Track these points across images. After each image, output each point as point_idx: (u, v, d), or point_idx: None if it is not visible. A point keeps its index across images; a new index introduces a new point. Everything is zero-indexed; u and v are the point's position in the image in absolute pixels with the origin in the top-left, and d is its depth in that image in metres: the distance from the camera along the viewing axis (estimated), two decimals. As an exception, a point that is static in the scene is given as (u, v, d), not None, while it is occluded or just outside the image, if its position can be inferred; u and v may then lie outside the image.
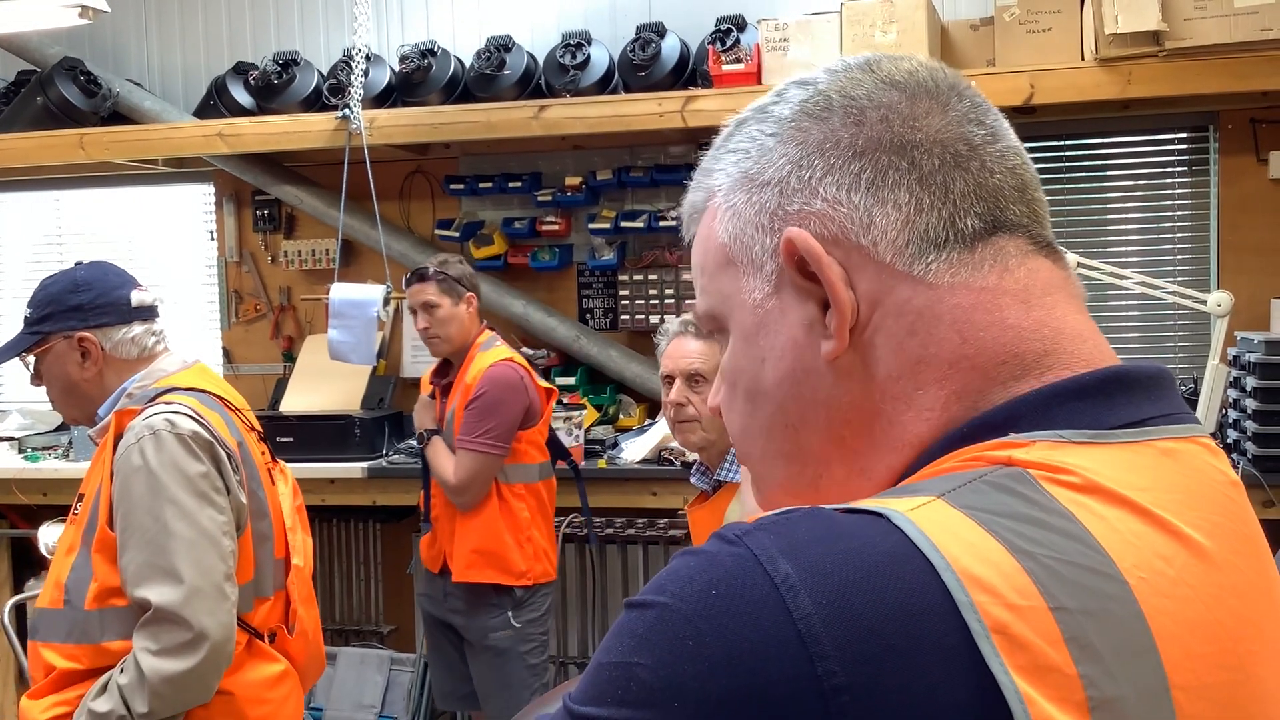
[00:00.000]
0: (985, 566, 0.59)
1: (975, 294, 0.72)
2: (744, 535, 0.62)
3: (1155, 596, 0.62)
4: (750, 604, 0.59)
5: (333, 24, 5.22)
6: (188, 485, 2.13)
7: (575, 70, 4.53)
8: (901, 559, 0.60)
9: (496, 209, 5.09)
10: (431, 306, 3.70)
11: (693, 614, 0.59)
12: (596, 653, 0.63)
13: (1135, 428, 0.70)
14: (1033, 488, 0.64)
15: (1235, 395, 4.02)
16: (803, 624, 0.57)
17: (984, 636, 0.57)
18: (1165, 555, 0.64)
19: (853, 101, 0.75)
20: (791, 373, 0.75)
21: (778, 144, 0.76)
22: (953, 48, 4.28)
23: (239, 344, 5.46)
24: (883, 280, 0.72)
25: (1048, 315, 0.73)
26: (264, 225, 5.34)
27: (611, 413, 4.86)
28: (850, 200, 0.73)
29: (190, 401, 2.24)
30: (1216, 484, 0.71)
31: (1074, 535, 0.62)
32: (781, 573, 0.59)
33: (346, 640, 5.17)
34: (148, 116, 5.07)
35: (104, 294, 2.31)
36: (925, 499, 0.63)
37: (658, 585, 0.62)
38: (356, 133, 4.55)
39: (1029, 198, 0.76)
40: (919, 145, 0.73)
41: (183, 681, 2.06)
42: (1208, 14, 3.78)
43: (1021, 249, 0.74)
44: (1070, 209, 4.64)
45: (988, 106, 0.77)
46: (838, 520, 0.63)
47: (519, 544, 3.68)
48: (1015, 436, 0.68)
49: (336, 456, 4.55)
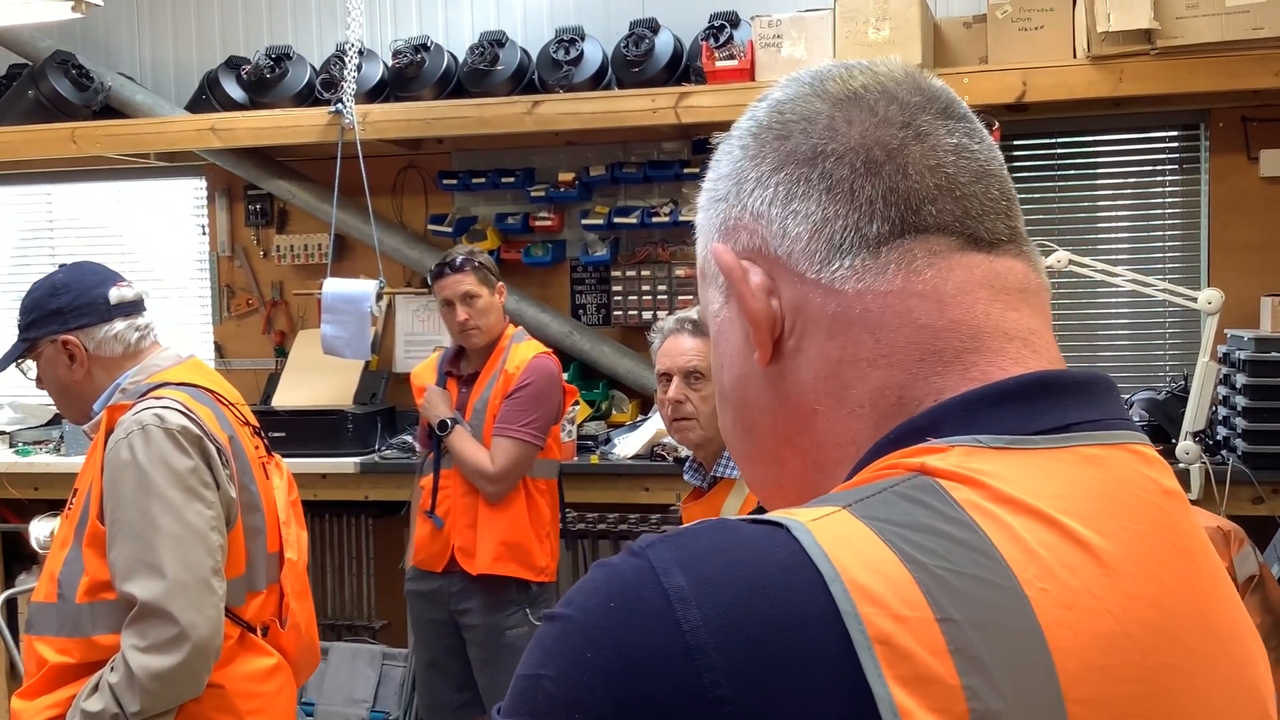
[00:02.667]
0: (874, 577, 0.60)
1: (881, 297, 0.73)
2: (648, 547, 0.63)
3: (1055, 608, 0.62)
4: (644, 616, 0.60)
5: (325, 18, 5.21)
6: (175, 480, 2.13)
7: (569, 66, 4.53)
8: (792, 569, 0.60)
9: (489, 204, 5.08)
10: (472, 297, 3.61)
11: (592, 626, 0.61)
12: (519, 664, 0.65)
13: (1058, 433, 0.69)
14: (939, 497, 0.64)
15: (1225, 392, 4.04)
16: (690, 635, 0.58)
17: (865, 647, 0.58)
18: (1071, 565, 0.64)
19: (781, 117, 0.77)
20: (739, 379, 0.79)
21: (729, 162, 0.80)
22: (945, 45, 4.29)
23: (231, 339, 5.45)
24: (799, 289, 0.75)
25: (965, 314, 0.73)
26: (256, 220, 5.33)
27: (604, 408, 4.86)
28: (769, 213, 0.76)
29: (180, 396, 2.25)
30: (1143, 492, 0.70)
31: (973, 546, 0.62)
32: (675, 585, 0.60)
33: (338, 635, 5.17)
34: (140, 110, 5.06)
35: (82, 294, 2.32)
36: (830, 509, 0.64)
37: (567, 598, 0.64)
38: (349, 127, 4.54)
39: (959, 194, 0.74)
40: (831, 154, 0.74)
41: (171, 677, 2.06)
42: (1199, 13, 3.80)
43: (933, 249, 0.73)
44: (1062, 206, 4.65)
45: (929, 105, 0.76)
46: (740, 531, 0.63)
47: (540, 539, 3.64)
48: (935, 442, 0.68)
49: (329, 451, 4.55)
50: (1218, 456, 3.92)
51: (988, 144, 0.78)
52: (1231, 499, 3.73)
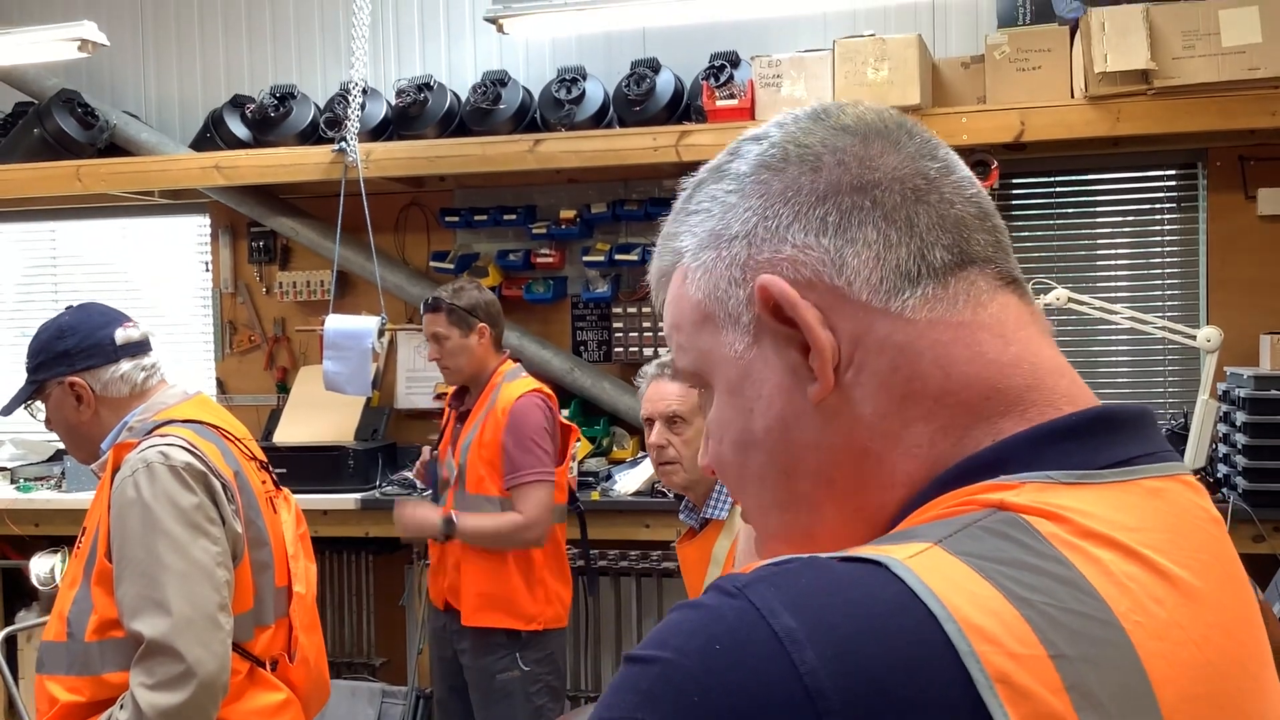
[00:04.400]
0: (985, 615, 0.59)
1: (953, 329, 0.72)
2: (744, 588, 0.61)
3: (1150, 640, 0.63)
4: (755, 659, 0.58)
5: (330, 58, 5.26)
6: (180, 517, 2.14)
7: (570, 105, 4.56)
8: (903, 609, 0.59)
9: (491, 241, 5.11)
10: (441, 338, 3.65)
11: (697, 670, 0.59)
12: (597, 707, 0.63)
13: (1122, 467, 0.70)
14: (1027, 533, 0.64)
15: (1225, 430, 4.05)
16: (809, 678, 0.57)
17: (987, 687, 0.57)
18: (1157, 597, 0.65)
19: (807, 149, 0.76)
20: (781, 419, 0.76)
21: (740, 199, 0.77)
22: (944, 85, 4.33)
23: (233, 375, 5.46)
24: (861, 319, 0.73)
25: (1024, 350, 0.73)
26: (259, 256, 5.36)
27: (605, 445, 4.87)
28: (820, 244, 0.74)
29: (185, 433, 2.26)
30: (1200, 521, 0.71)
31: (1070, 581, 0.62)
32: (785, 627, 0.59)
33: (338, 673, 5.14)
34: (144, 148, 5.09)
35: (88, 336, 2.34)
36: (922, 545, 0.63)
37: (659, 639, 0.61)
38: (353, 165, 4.57)
39: (990, 225, 0.76)
40: (878, 184, 0.74)
41: (179, 713, 2.06)
42: (1196, 53, 3.83)
43: (991, 284, 0.75)
44: (1060, 244, 4.68)
45: (937, 142, 0.78)
46: (837, 570, 0.62)
47: (529, 587, 3.58)
48: (1005, 479, 0.68)
49: (330, 488, 4.55)
50: (1218, 494, 3.92)
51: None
52: (1232, 536, 3.71)
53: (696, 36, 4.68)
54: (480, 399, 3.69)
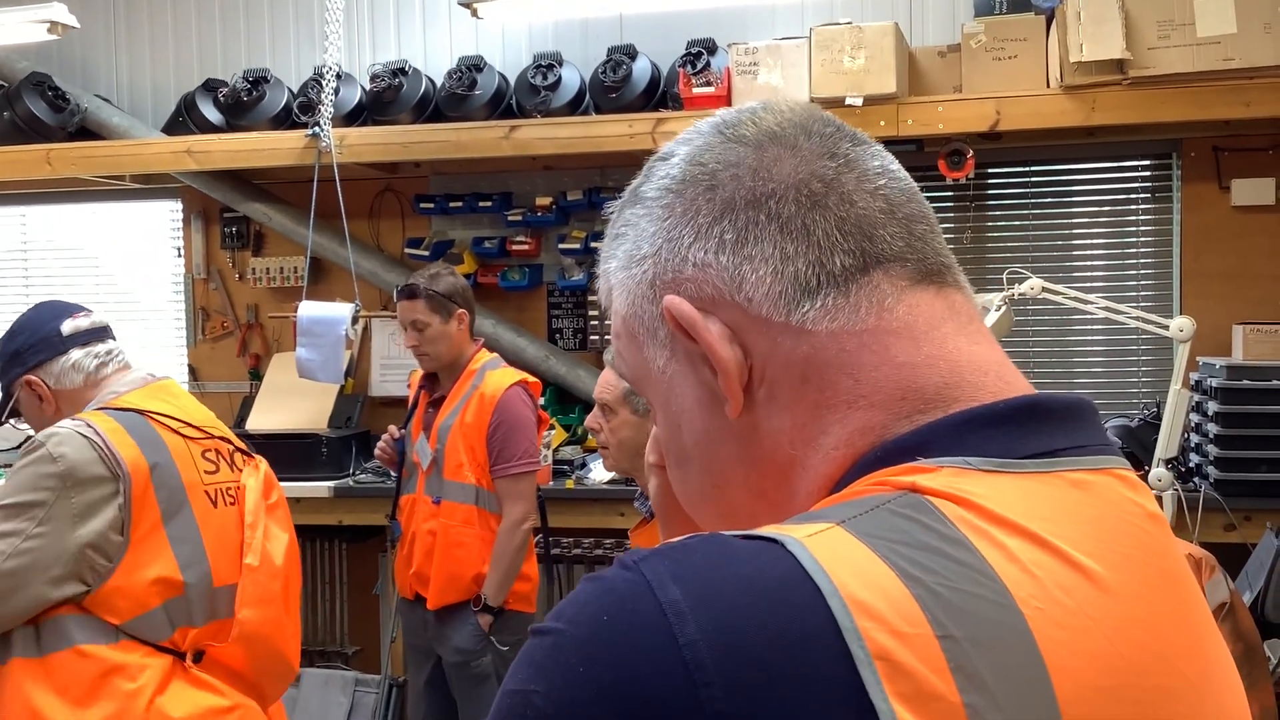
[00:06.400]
0: (873, 593, 0.59)
1: (857, 337, 0.73)
2: (641, 561, 0.62)
3: (1051, 627, 0.62)
4: (638, 630, 0.59)
5: (303, 42, 5.22)
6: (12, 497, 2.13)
7: (546, 91, 4.54)
8: (790, 584, 0.60)
9: (466, 228, 5.09)
10: (421, 325, 3.61)
11: (584, 640, 0.60)
12: (504, 680, 0.64)
13: (1046, 458, 0.69)
14: (932, 515, 0.64)
15: (1197, 420, 4.07)
16: (688, 650, 0.58)
17: (866, 663, 0.57)
18: (1065, 586, 0.64)
19: (703, 168, 0.77)
20: (705, 433, 0.77)
21: (648, 222, 0.78)
22: (920, 74, 4.33)
23: (205, 361, 5.42)
24: (766, 334, 0.73)
25: (939, 349, 0.73)
26: (232, 242, 5.32)
27: (580, 433, 4.86)
28: (719, 262, 0.74)
29: (101, 420, 2.20)
30: (1130, 516, 0.70)
31: (969, 564, 0.62)
32: (671, 599, 0.59)
33: (311, 661, 5.12)
34: (116, 132, 5.04)
35: (35, 332, 2.33)
36: (824, 525, 0.64)
37: (558, 611, 0.63)
38: (326, 151, 4.54)
39: (900, 217, 0.75)
40: (773, 194, 0.74)
41: None
42: (1171, 44, 3.84)
43: (898, 285, 0.74)
44: (1035, 234, 4.69)
45: (842, 134, 0.77)
46: (733, 546, 0.63)
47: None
48: (924, 461, 0.68)
49: (303, 475, 4.53)
50: (1190, 484, 3.95)
51: (900, 167, 0.79)
52: (1203, 526, 3.75)
53: (673, 23, 4.67)
54: (458, 384, 3.66)
